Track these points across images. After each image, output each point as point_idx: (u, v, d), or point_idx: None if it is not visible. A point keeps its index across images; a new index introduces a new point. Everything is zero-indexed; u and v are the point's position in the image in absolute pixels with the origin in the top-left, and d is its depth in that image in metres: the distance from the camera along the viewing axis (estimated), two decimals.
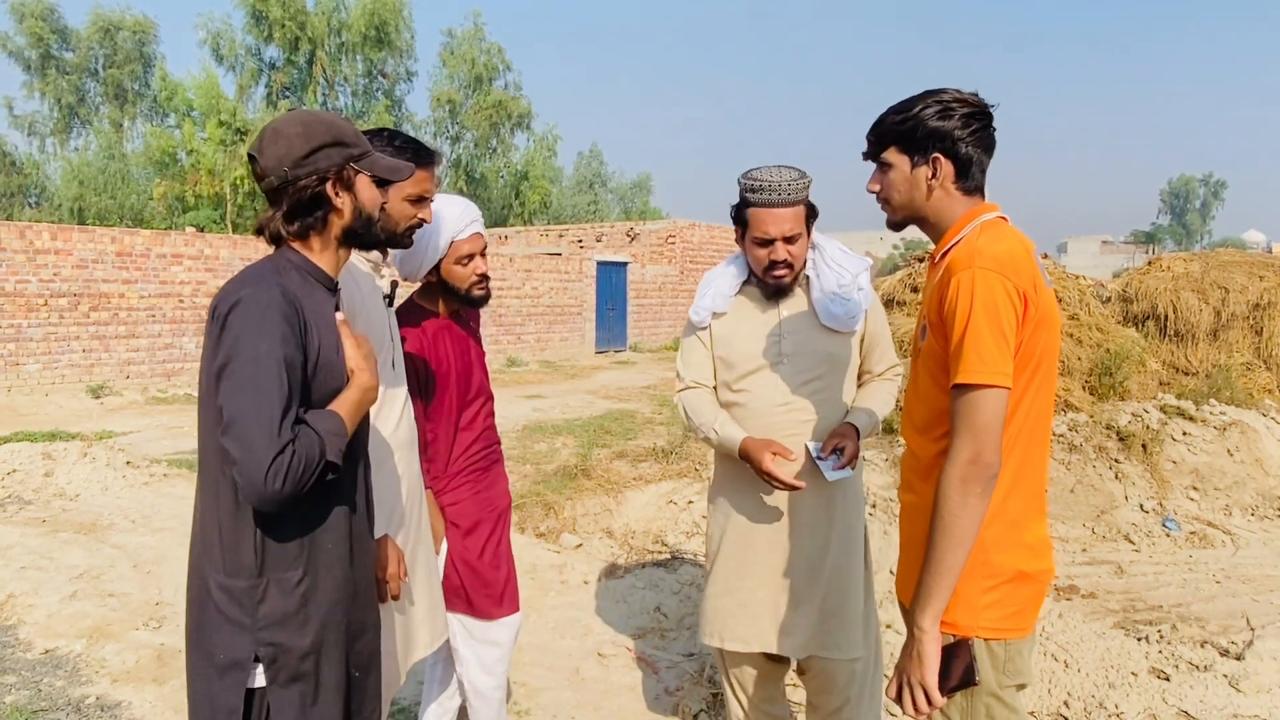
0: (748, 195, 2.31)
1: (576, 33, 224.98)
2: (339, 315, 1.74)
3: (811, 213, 2.35)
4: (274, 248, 1.71)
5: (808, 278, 2.43)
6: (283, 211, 1.66)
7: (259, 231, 1.72)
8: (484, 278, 2.51)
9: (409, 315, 2.50)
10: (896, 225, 1.85)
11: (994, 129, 1.75)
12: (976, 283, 1.58)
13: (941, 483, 1.59)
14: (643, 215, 38.92)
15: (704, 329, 2.50)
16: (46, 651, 3.77)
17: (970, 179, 1.74)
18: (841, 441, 2.30)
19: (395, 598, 2.05)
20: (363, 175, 1.69)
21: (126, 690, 3.44)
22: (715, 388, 2.50)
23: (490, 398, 2.67)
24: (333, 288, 1.73)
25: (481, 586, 2.52)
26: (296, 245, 1.70)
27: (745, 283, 2.48)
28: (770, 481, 2.26)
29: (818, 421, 2.38)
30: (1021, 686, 1.71)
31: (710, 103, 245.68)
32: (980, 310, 1.57)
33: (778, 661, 2.55)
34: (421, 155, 2.16)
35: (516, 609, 2.60)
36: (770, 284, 2.39)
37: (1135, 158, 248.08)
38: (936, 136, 1.70)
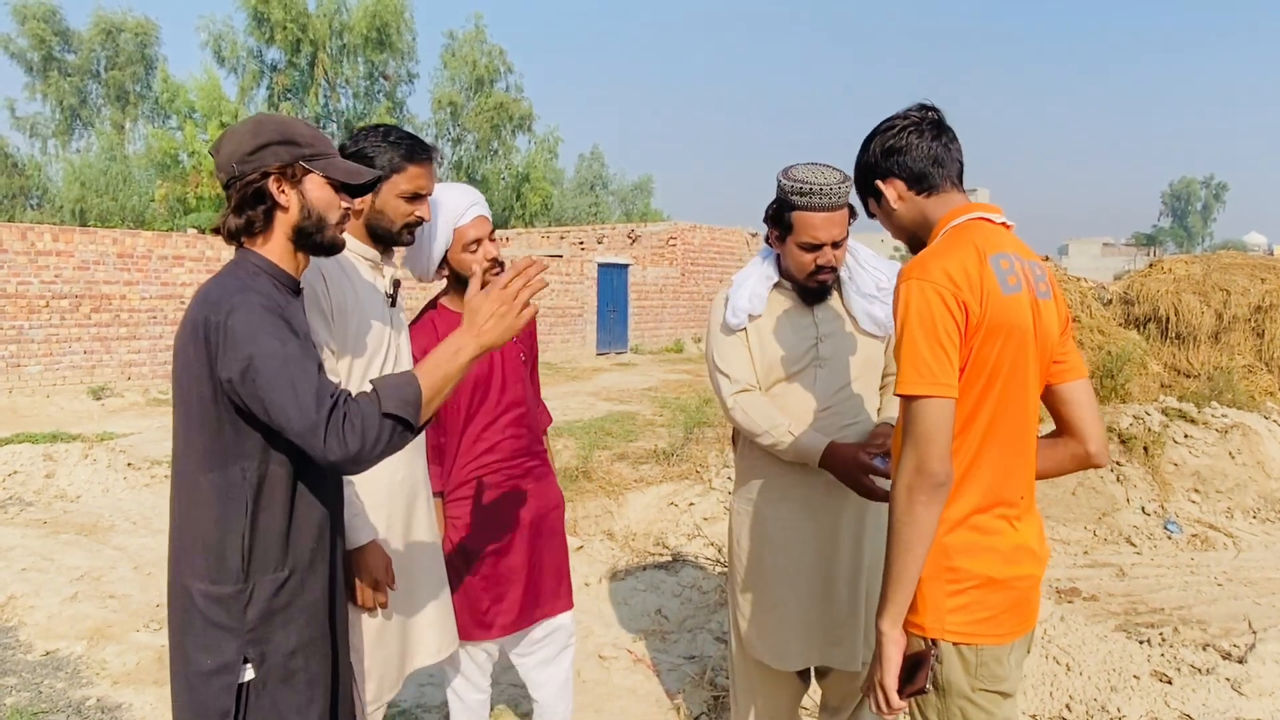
0: (794, 198, 2.21)
1: (578, 34, 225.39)
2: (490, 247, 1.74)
3: (852, 214, 2.28)
4: (233, 246, 1.71)
5: (840, 280, 2.37)
6: (231, 207, 1.68)
7: (216, 230, 1.73)
8: (495, 262, 2.36)
9: (423, 316, 2.47)
10: (911, 248, 1.87)
11: (932, 121, 1.76)
12: (912, 294, 1.59)
13: (892, 490, 1.62)
14: (644, 217, 38.91)
15: (741, 330, 2.40)
16: (47, 653, 3.78)
17: (923, 180, 1.75)
18: (888, 441, 2.21)
19: (383, 605, 2.01)
20: (315, 175, 1.69)
21: (127, 692, 3.44)
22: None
23: (523, 408, 2.53)
24: (296, 290, 1.74)
25: (466, 605, 2.43)
26: (257, 246, 1.69)
27: (776, 284, 2.40)
28: (858, 489, 2.19)
29: (855, 426, 2.33)
30: (1006, 695, 1.69)
31: (711, 105, 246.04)
32: (915, 321, 1.58)
33: (804, 678, 2.51)
34: (416, 151, 2.10)
35: (505, 634, 2.50)
36: (813, 287, 2.33)
37: (1136, 160, 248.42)
38: (868, 172, 1.80)
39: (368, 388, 1.56)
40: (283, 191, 1.67)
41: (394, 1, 30.14)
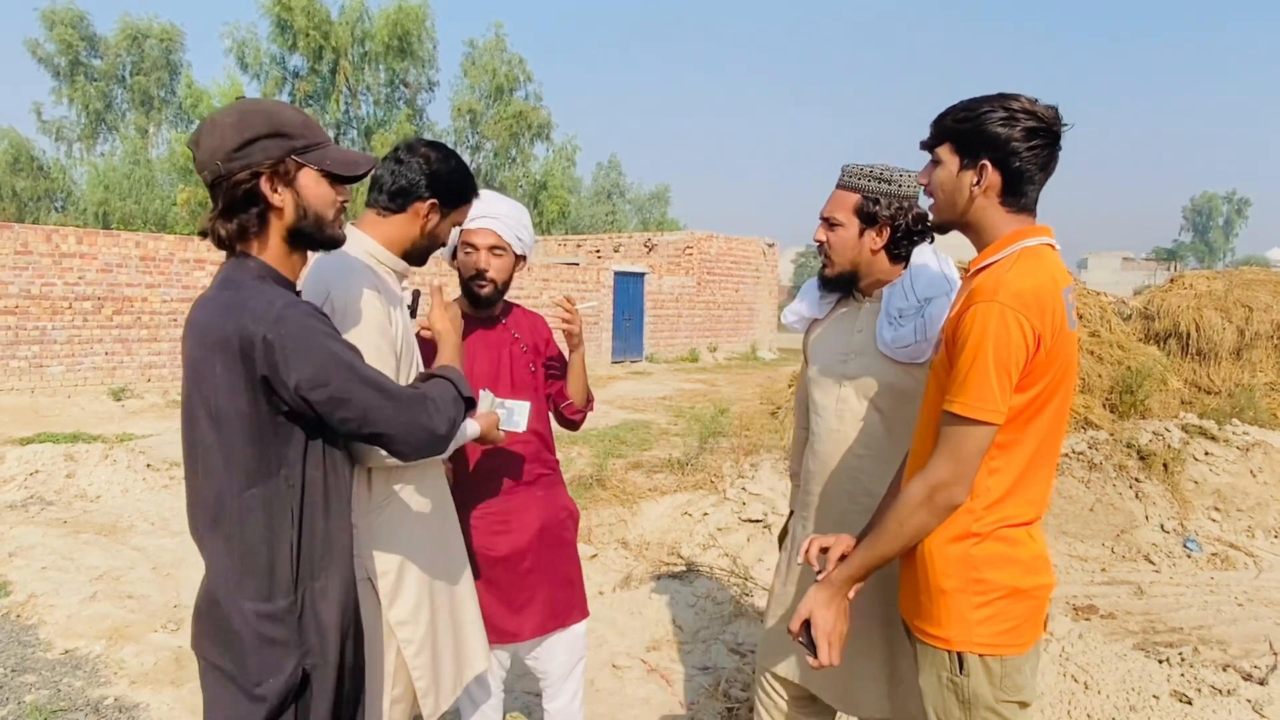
0: None
1: (598, 44, 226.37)
2: (435, 283, 1.96)
3: (866, 212, 2.09)
4: (225, 253, 1.58)
5: (883, 295, 2.17)
6: (219, 210, 1.54)
7: (203, 234, 1.59)
8: (481, 274, 2.41)
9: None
10: (939, 227, 1.80)
11: (1058, 150, 1.66)
12: (993, 317, 1.56)
13: (909, 485, 1.66)
14: (660, 226, 38.97)
15: (803, 334, 2.38)
16: (66, 652, 3.81)
17: (1018, 196, 1.66)
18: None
19: None
20: (309, 170, 1.56)
21: (144, 692, 3.46)
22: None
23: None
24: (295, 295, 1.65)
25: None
26: (253, 250, 1.57)
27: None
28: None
29: (873, 457, 2.12)
30: (1024, 705, 1.70)
31: (729, 115, 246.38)
32: (992, 346, 1.56)
33: (824, 712, 2.42)
34: (472, 185, 2.17)
35: (515, 640, 2.51)
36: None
37: (1157, 174, 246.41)
38: (990, 144, 1.63)
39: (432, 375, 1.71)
40: (276, 191, 1.54)
41: (415, 10, 30.36)
